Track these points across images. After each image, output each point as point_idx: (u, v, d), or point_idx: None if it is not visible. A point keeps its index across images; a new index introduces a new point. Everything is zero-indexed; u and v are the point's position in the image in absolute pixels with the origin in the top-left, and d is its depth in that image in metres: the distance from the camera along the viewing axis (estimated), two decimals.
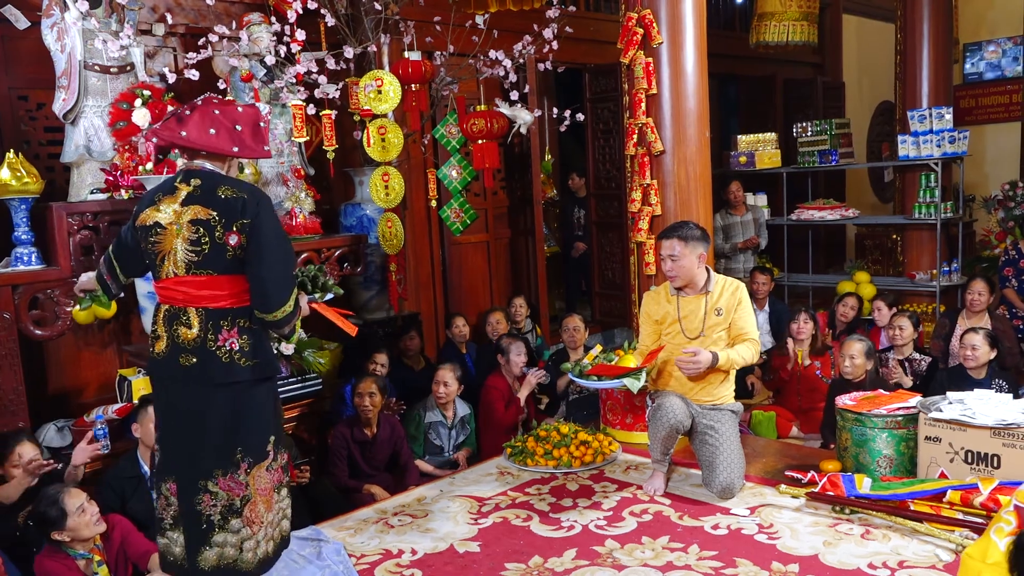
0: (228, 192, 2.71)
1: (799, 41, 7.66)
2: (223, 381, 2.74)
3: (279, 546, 2.95)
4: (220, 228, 2.68)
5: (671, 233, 3.78)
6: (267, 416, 2.85)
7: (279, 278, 2.73)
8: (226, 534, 2.76)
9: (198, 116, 2.74)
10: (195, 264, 2.71)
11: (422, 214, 6.03)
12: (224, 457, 2.76)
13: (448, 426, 4.72)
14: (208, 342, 2.72)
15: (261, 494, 2.83)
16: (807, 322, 5.40)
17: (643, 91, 4.65)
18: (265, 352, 2.82)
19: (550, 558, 3.24)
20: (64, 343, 4.48)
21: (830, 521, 3.42)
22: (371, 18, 5.27)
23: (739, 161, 7.88)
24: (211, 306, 2.73)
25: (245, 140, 2.78)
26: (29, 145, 4.59)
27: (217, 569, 2.77)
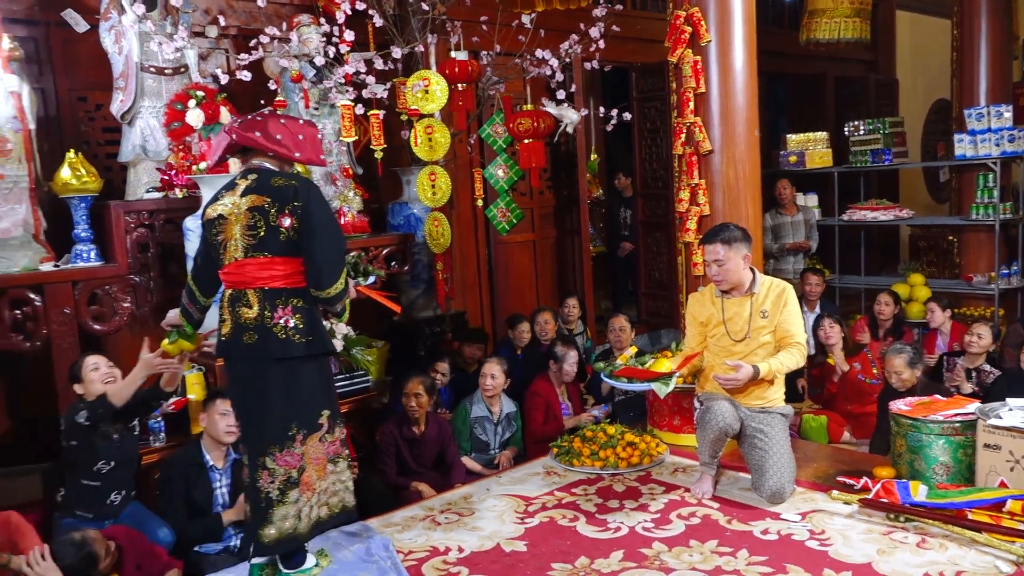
0: (280, 181, 2.92)
1: (851, 38, 7.52)
2: (280, 356, 2.90)
3: (335, 515, 3.09)
4: (274, 212, 2.87)
5: (713, 237, 3.74)
6: (320, 390, 3.01)
7: (330, 257, 2.91)
8: (286, 507, 2.93)
9: (268, 126, 2.98)
10: (252, 247, 2.90)
11: (468, 213, 6.05)
12: (281, 432, 2.92)
13: (494, 422, 4.72)
14: (266, 319, 2.90)
15: (315, 463, 2.98)
16: (832, 326, 5.30)
17: (691, 90, 4.60)
18: (318, 330, 2.97)
19: (597, 559, 3.22)
20: (121, 338, 4.59)
21: (884, 529, 3.34)
22: (418, 18, 5.30)
23: (789, 160, 7.76)
24: (268, 286, 2.91)
25: (305, 148, 3.02)
26: (88, 145, 4.71)
27: (278, 542, 2.95)
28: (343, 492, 3.11)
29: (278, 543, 2.95)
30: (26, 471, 4.12)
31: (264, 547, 2.95)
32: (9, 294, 3.89)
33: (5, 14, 4.08)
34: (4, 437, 4.41)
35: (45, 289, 3.97)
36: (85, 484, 3.51)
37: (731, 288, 3.77)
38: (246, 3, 5.13)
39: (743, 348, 3.74)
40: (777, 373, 3.70)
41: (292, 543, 2.99)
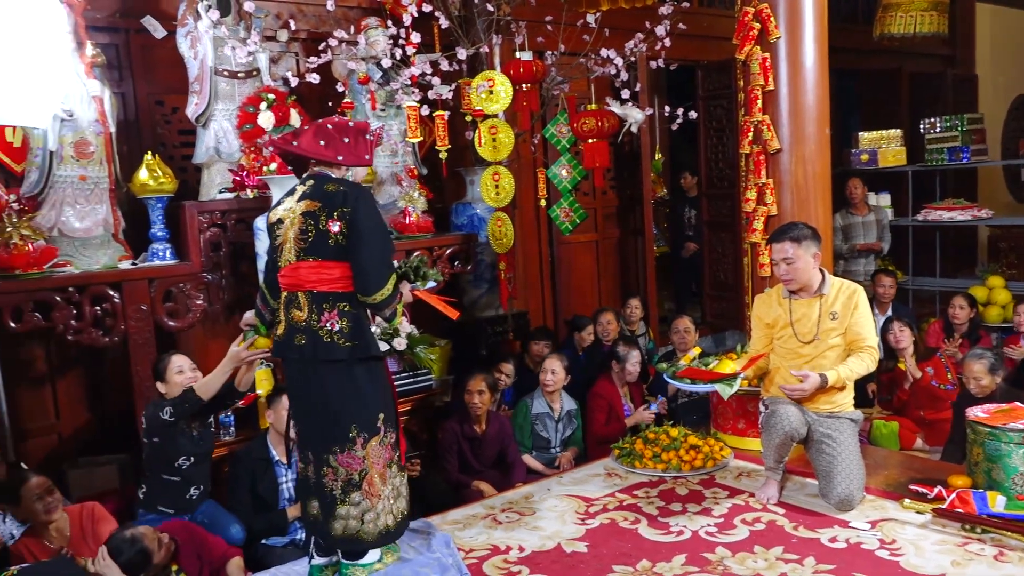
0: (332, 187, 2.98)
1: (927, 32, 7.28)
2: (326, 358, 2.96)
3: (400, 523, 3.12)
4: (323, 217, 2.93)
5: (782, 236, 3.67)
6: (373, 394, 3.04)
7: (376, 262, 2.95)
8: (348, 507, 2.99)
9: (313, 130, 3.07)
10: (303, 251, 2.98)
11: (532, 213, 6.06)
12: (340, 433, 2.98)
13: (555, 418, 4.72)
14: (313, 322, 2.96)
15: (377, 468, 3.02)
16: (903, 330, 5.13)
17: (759, 87, 4.51)
18: (365, 334, 3.00)
19: (658, 562, 3.20)
20: (194, 335, 4.73)
21: (959, 540, 3.23)
22: (483, 19, 5.33)
23: (860, 159, 7.57)
24: (317, 289, 2.97)
25: (348, 150, 3.05)
26: (164, 147, 4.87)
27: (343, 538, 3.02)
28: (400, 499, 3.14)
29: (341, 539, 3.02)
30: (104, 462, 4.29)
31: (332, 539, 3.03)
32: (90, 291, 4.04)
33: (88, 22, 4.24)
34: (84, 430, 4.59)
35: (123, 286, 4.12)
36: (166, 480, 3.63)
37: (799, 288, 3.70)
38: (316, 7, 5.23)
39: (811, 350, 3.66)
40: (846, 380, 3.61)
41: (356, 544, 3.03)
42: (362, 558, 3.10)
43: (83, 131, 4.12)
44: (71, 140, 4.10)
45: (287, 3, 5.20)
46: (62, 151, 4.09)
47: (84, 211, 4.20)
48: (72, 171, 4.12)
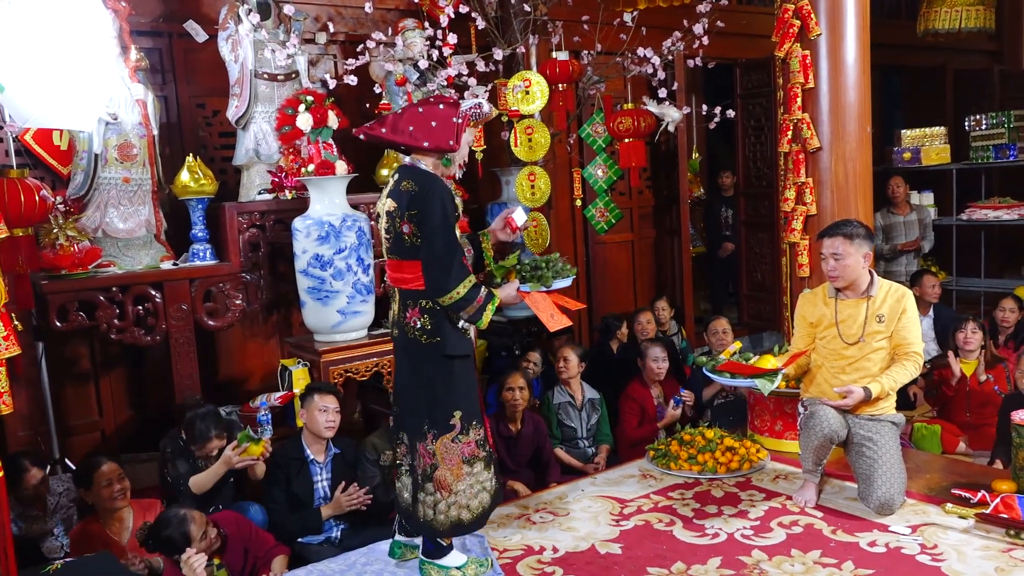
0: (407, 186, 2.99)
1: (973, 27, 7.13)
2: (410, 354, 3.08)
3: (477, 517, 3.12)
4: (398, 218, 2.99)
5: (835, 231, 3.61)
6: (452, 391, 3.06)
7: (438, 265, 2.94)
8: (424, 495, 3.07)
9: (403, 116, 3.06)
10: (388, 250, 3.09)
11: (567, 213, 6.05)
12: (418, 426, 3.07)
13: (577, 407, 4.71)
14: (402, 318, 3.07)
15: (448, 464, 3.05)
16: (975, 332, 4.98)
17: (799, 85, 4.46)
18: (446, 333, 3.02)
19: (693, 565, 3.17)
20: (232, 334, 4.82)
21: (1003, 546, 3.16)
22: (520, 20, 5.34)
23: (903, 157, 7.43)
24: (403, 287, 3.07)
25: (434, 134, 3.02)
26: (205, 149, 4.96)
27: (422, 523, 3.11)
28: (482, 493, 3.12)
29: (422, 525, 3.10)
30: (146, 459, 4.37)
31: (416, 522, 3.12)
32: (133, 291, 4.13)
33: (132, 27, 4.33)
34: (126, 427, 4.69)
35: (165, 286, 4.20)
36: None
37: (846, 286, 3.64)
38: (354, 10, 5.28)
39: (855, 352, 3.60)
40: (890, 391, 3.56)
41: (430, 531, 3.09)
42: (443, 556, 3.13)
43: (127, 134, 4.20)
44: (115, 143, 4.19)
45: (325, 6, 5.25)
46: (106, 154, 4.18)
47: (127, 212, 4.28)
48: (116, 173, 4.21)
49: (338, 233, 4.21)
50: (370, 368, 4.39)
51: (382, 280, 4.82)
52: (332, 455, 3.83)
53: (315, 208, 4.28)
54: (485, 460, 3.13)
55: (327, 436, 3.79)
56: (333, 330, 4.33)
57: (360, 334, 4.43)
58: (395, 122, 3.05)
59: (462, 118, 3.05)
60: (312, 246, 4.20)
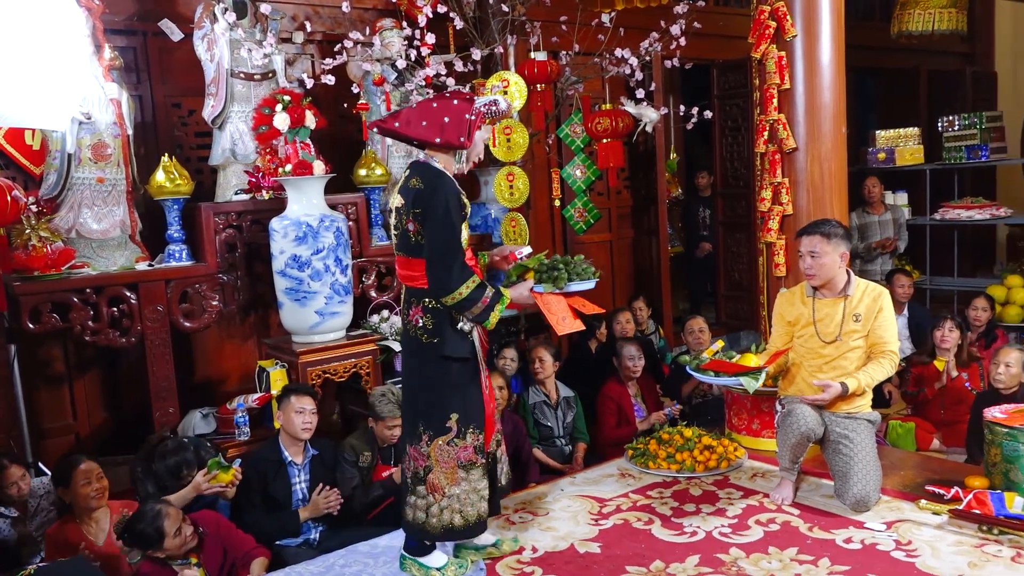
0: (415, 183, 2.98)
1: (946, 30, 7.22)
2: (411, 351, 3.09)
3: (472, 525, 3.08)
4: (404, 216, 2.99)
5: (813, 229, 3.66)
6: (450, 393, 3.03)
7: (440, 265, 2.91)
8: (415, 497, 3.07)
9: (417, 110, 3.04)
10: (396, 246, 3.09)
11: (546, 213, 6.06)
12: (413, 427, 3.08)
13: (552, 405, 4.72)
14: (405, 316, 3.07)
15: (442, 466, 3.03)
16: (952, 330, 5.04)
17: (775, 86, 4.49)
18: (446, 333, 2.99)
19: (672, 563, 3.19)
20: (209, 335, 4.78)
21: (976, 541, 3.21)
22: (498, 20, 5.34)
23: (878, 158, 7.51)
24: (407, 285, 3.07)
25: (447, 131, 2.98)
26: (181, 149, 4.91)
27: (411, 525, 3.10)
28: (479, 502, 3.08)
29: (410, 526, 3.10)
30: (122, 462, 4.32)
31: (404, 523, 3.13)
32: (107, 292, 4.09)
33: (106, 25, 4.28)
34: (102, 429, 4.64)
35: (140, 287, 4.16)
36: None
37: (822, 285, 3.67)
38: (331, 9, 5.26)
39: (832, 351, 3.63)
40: (867, 388, 3.59)
41: (420, 535, 3.09)
42: (425, 555, 3.13)
43: (101, 134, 4.16)
44: (89, 143, 4.14)
45: (303, 5, 5.22)
46: (80, 153, 4.13)
47: (101, 213, 4.24)
48: (90, 173, 4.17)
49: (316, 233, 4.19)
50: (348, 369, 4.37)
51: (360, 281, 4.81)
52: (310, 457, 3.81)
53: (292, 208, 4.26)
54: (482, 468, 3.09)
55: (304, 438, 3.76)
56: (311, 331, 4.31)
57: (338, 335, 4.41)
58: (408, 116, 3.02)
59: (476, 114, 3.01)
60: (290, 247, 4.18)
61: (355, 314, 4.54)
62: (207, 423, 4.37)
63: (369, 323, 4.74)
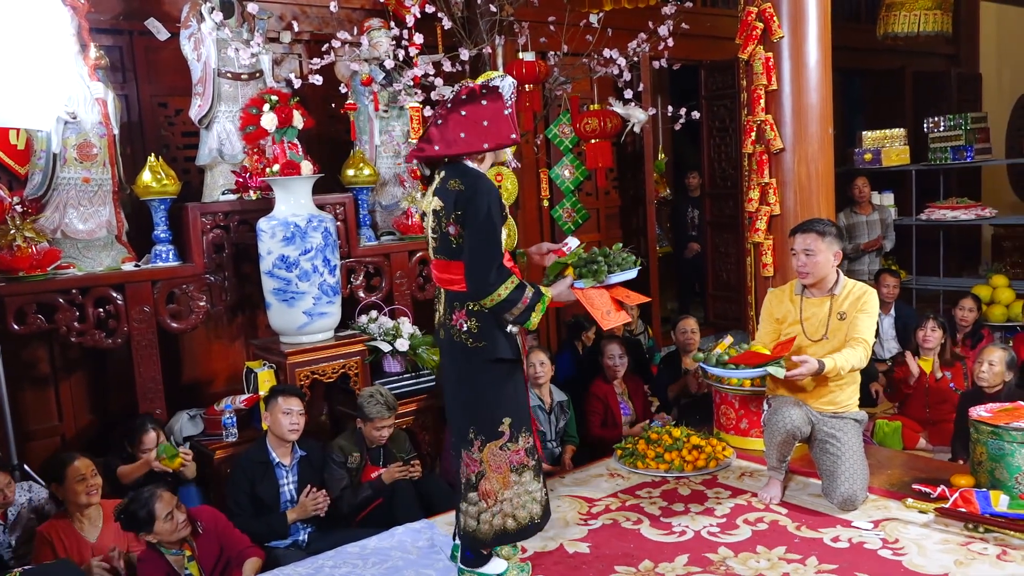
0: (454, 184, 2.89)
1: (931, 31, 7.28)
2: (456, 357, 2.98)
3: (524, 528, 3.04)
4: (444, 218, 2.91)
5: (808, 227, 3.66)
6: (499, 397, 2.97)
7: (479, 266, 2.85)
8: (467, 504, 3.01)
9: (449, 125, 2.91)
10: (435, 250, 3.01)
11: (534, 214, 6.06)
12: (463, 433, 3.00)
13: (546, 410, 4.71)
14: (447, 321, 2.98)
15: (495, 471, 2.97)
16: (935, 330, 5.08)
17: (762, 87, 4.51)
18: (493, 336, 2.92)
19: (661, 563, 3.20)
20: (196, 336, 4.75)
21: (962, 539, 3.23)
22: (486, 20, 5.33)
23: (864, 158, 7.55)
24: (449, 288, 2.98)
25: (491, 134, 2.91)
26: (168, 149, 4.88)
27: (464, 534, 3.05)
28: (531, 504, 3.04)
29: (460, 535, 3.06)
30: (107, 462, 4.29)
31: (459, 531, 3.08)
32: (93, 293, 4.06)
33: (92, 24, 4.25)
34: (87, 431, 4.60)
35: (126, 288, 4.14)
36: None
37: (814, 283, 3.68)
38: (319, 9, 5.24)
39: (819, 349, 3.64)
40: (840, 370, 3.50)
41: (471, 542, 3.03)
42: (483, 565, 3.08)
43: (87, 133, 4.13)
44: (75, 142, 4.11)
45: (290, 5, 5.20)
46: (65, 153, 4.10)
47: (87, 213, 4.21)
48: (75, 173, 4.14)
49: (304, 234, 4.18)
50: (337, 370, 4.36)
51: (348, 281, 4.80)
52: (298, 458, 3.80)
53: (280, 209, 4.24)
54: (534, 469, 3.05)
55: (291, 439, 3.75)
56: (299, 332, 4.30)
57: (327, 335, 4.40)
58: (443, 134, 2.91)
59: (510, 107, 2.94)
60: (277, 247, 4.16)
61: (343, 315, 4.53)
62: (194, 424, 4.35)
63: (357, 323, 4.73)
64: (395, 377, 4.62)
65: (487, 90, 2.94)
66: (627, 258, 3.10)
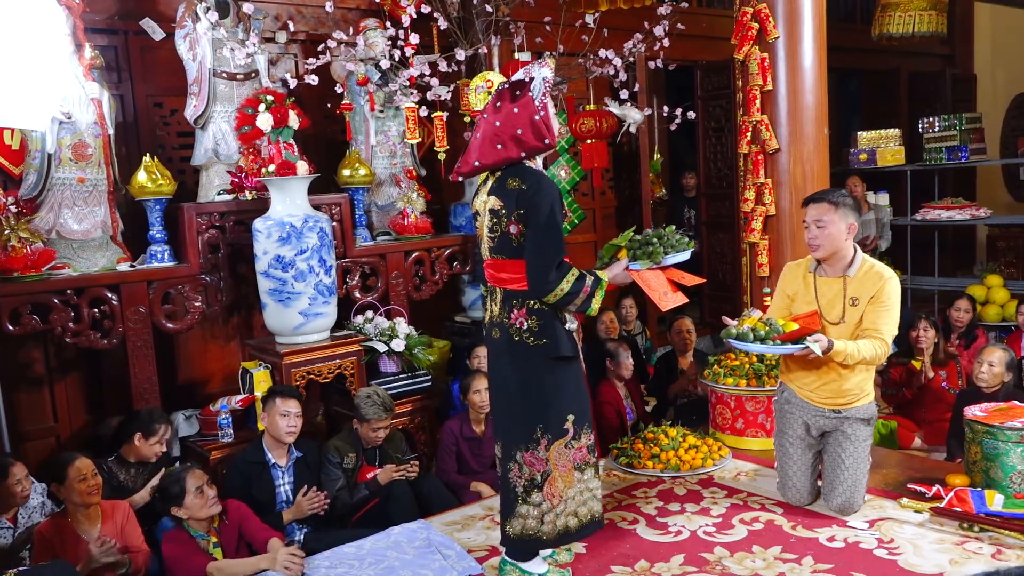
0: (513, 184, 2.88)
1: (926, 32, 7.29)
2: (516, 356, 2.95)
3: (585, 525, 3.06)
4: (505, 218, 2.89)
5: (820, 197, 3.44)
6: (564, 394, 2.96)
7: (541, 264, 2.86)
8: (528, 506, 2.97)
9: (486, 137, 2.92)
10: (492, 249, 2.98)
11: None
12: (526, 432, 2.95)
13: None
14: (505, 320, 2.95)
15: (561, 470, 2.97)
16: (927, 330, 5.10)
17: (758, 87, 4.52)
18: (555, 334, 2.92)
19: (657, 563, 3.20)
20: (192, 336, 4.75)
21: (957, 539, 3.24)
22: (482, 20, 5.33)
23: (859, 159, 7.57)
24: (507, 287, 2.96)
25: (527, 141, 2.90)
26: (163, 149, 4.87)
27: (520, 538, 3.00)
28: (591, 501, 3.06)
29: (520, 539, 3.00)
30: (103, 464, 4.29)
31: (506, 538, 3.04)
32: (88, 293, 4.05)
33: (87, 24, 4.24)
34: (83, 431, 4.59)
35: (121, 288, 4.13)
36: None
37: (827, 259, 3.46)
38: (314, 9, 5.24)
39: (835, 333, 3.42)
40: (848, 357, 3.32)
41: (533, 544, 3.00)
42: (527, 561, 3.05)
43: (81, 133, 4.12)
44: (69, 142, 4.10)
45: (286, 5, 5.20)
46: (60, 153, 4.09)
47: (82, 213, 4.20)
48: (70, 173, 4.13)
49: (300, 234, 4.18)
50: (333, 370, 4.35)
51: (344, 282, 4.80)
52: (294, 459, 3.79)
53: (276, 209, 4.24)
54: (595, 467, 3.07)
55: (288, 441, 3.75)
56: (295, 332, 4.29)
57: (322, 336, 4.39)
58: (482, 147, 2.92)
59: (543, 107, 2.91)
60: (273, 247, 4.16)
61: (339, 315, 4.53)
62: (190, 425, 4.35)
63: (353, 324, 4.73)
64: (391, 377, 4.62)
65: (519, 93, 2.92)
66: (681, 240, 3.11)
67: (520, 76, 2.96)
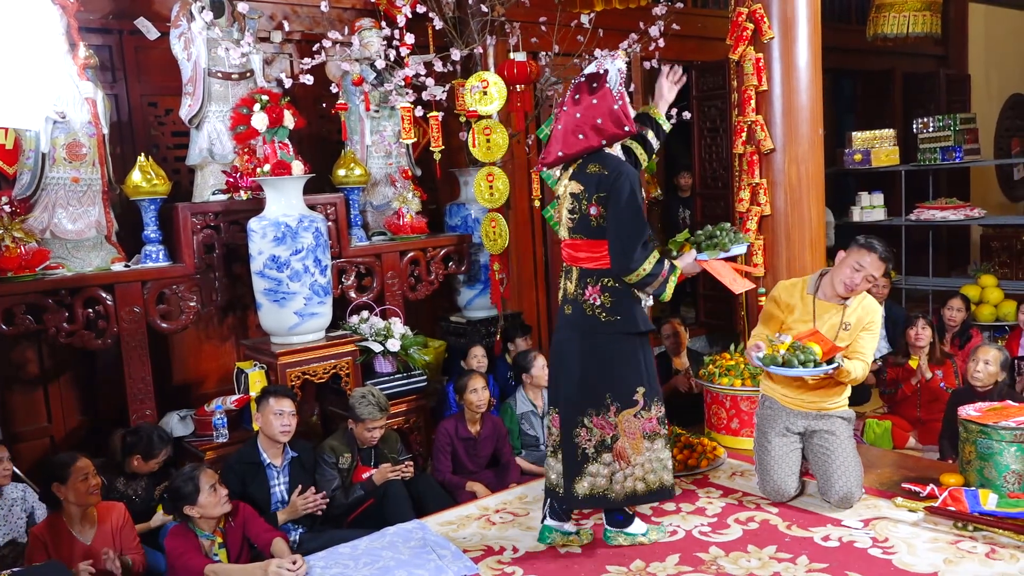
0: (594, 168, 3.13)
1: (920, 32, 7.30)
2: (588, 330, 3.17)
3: (653, 491, 3.27)
4: (585, 200, 3.12)
5: (886, 255, 3.54)
6: (633, 368, 3.19)
7: (625, 245, 3.06)
8: (599, 465, 3.19)
9: (567, 129, 3.16)
10: (572, 230, 3.21)
11: (526, 214, 6.06)
12: (597, 399, 3.18)
13: (539, 415, 4.71)
14: (579, 296, 3.18)
15: (629, 436, 3.19)
16: (925, 328, 5.11)
17: (753, 88, 4.53)
18: (626, 310, 3.15)
19: (652, 563, 3.20)
20: (187, 337, 4.74)
21: (951, 538, 3.25)
22: (477, 20, 5.33)
23: (854, 159, 7.58)
24: (583, 266, 3.18)
25: (607, 130, 3.13)
26: (158, 149, 4.86)
27: (589, 496, 3.22)
28: (661, 471, 3.25)
29: (588, 498, 3.20)
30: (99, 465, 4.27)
31: (574, 500, 3.22)
32: (82, 293, 4.04)
33: (81, 23, 4.23)
34: (76, 433, 4.58)
35: (116, 288, 4.12)
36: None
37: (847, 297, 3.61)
38: (310, 8, 5.23)
39: None
40: (843, 375, 3.50)
41: (602, 502, 3.23)
42: (628, 525, 3.32)
43: (76, 133, 4.11)
44: (63, 142, 4.09)
45: (281, 4, 5.19)
46: (54, 153, 4.08)
47: (77, 213, 4.19)
48: (65, 173, 4.12)
49: (295, 234, 4.17)
50: (328, 370, 4.35)
51: (339, 282, 4.79)
52: (289, 459, 3.79)
53: (271, 209, 4.23)
54: (665, 438, 3.25)
55: (282, 440, 3.74)
56: (290, 332, 4.28)
57: (318, 336, 4.39)
58: (564, 138, 3.14)
59: (620, 97, 3.12)
60: (268, 247, 4.15)
61: (334, 315, 4.52)
62: (185, 425, 4.34)
63: (348, 324, 4.72)
64: (386, 377, 4.62)
65: (596, 85, 3.13)
66: (738, 233, 3.37)
67: (592, 69, 3.19)
